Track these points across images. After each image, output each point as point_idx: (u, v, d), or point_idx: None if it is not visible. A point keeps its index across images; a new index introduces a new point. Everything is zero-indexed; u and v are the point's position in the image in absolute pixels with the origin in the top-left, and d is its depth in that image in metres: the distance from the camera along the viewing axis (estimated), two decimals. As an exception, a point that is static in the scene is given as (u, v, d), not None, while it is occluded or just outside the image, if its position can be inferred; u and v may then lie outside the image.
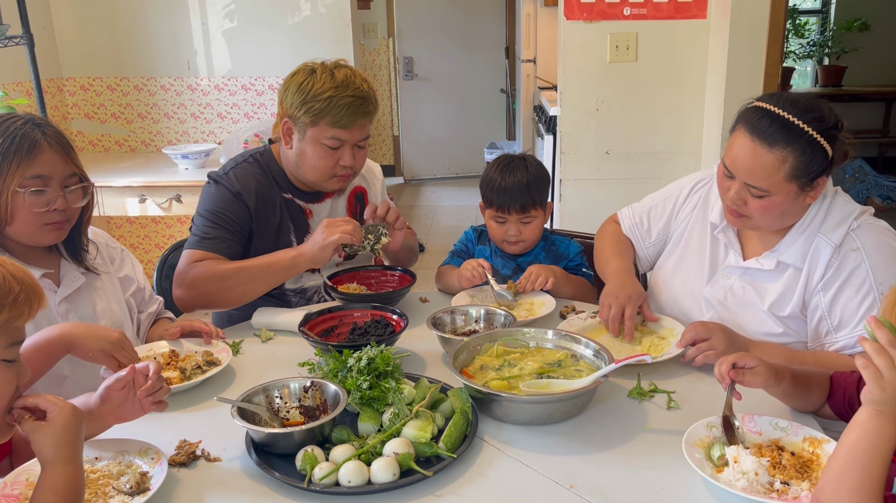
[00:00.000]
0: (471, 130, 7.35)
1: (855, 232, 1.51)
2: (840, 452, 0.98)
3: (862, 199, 5.95)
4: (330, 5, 3.85)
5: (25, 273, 1.03)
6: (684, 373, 1.52)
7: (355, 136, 1.86)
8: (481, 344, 1.54)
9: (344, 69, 1.86)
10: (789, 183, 1.45)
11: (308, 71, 1.85)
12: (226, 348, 1.62)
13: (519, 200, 1.96)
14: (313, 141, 1.84)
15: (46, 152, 1.47)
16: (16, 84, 3.53)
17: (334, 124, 1.81)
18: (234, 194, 1.88)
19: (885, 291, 1.38)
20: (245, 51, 3.91)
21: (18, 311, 1.00)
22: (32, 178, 1.46)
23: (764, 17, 3.01)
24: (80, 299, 1.61)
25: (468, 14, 7.07)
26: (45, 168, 1.47)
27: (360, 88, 1.83)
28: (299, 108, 1.82)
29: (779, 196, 1.46)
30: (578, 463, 1.22)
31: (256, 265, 1.79)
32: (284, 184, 1.96)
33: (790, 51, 6.83)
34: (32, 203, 1.47)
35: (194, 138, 4.04)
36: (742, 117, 1.49)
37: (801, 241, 1.54)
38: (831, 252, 1.50)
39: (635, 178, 3.42)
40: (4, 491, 1.10)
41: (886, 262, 1.47)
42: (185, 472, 1.21)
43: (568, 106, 3.35)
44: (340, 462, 1.16)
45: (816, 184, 1.47)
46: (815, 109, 1.44)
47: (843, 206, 1.54)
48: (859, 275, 1.47)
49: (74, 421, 1.05)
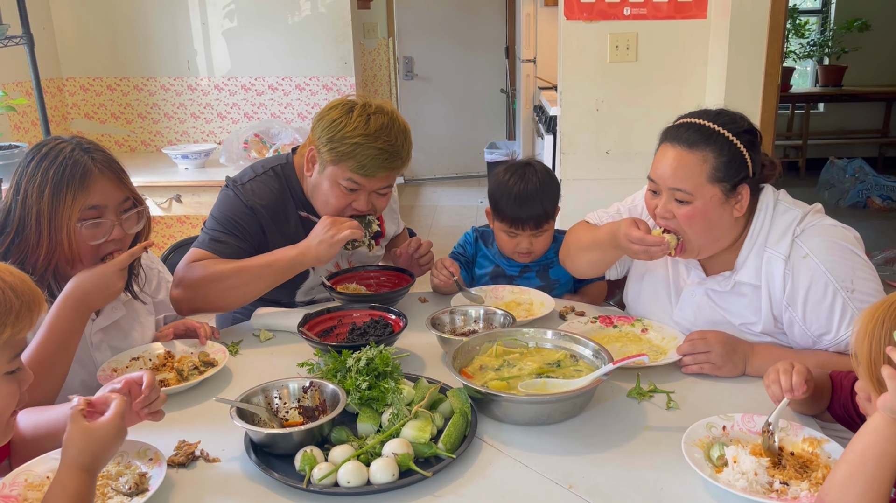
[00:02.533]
0: (471, 130, 7.35)
1: (800, 238, 1.49)
2: (849, 456, 0.98)
3: (862, 199, 5.95)
4: (330, 5, 3.85)
5: (23, 281, 1.01)
6: (684, 374, 1.52)
7: (374, 185, 1.80)
8: (480, 344, 1.53)
9: (382, 117, 1.77)
10: (712, 185, 1.47)
11: (346, 108, 1.77)
12: (222, 348, 1.60)
13: (533, 219, 1.94)
14: (331, 179, 1.79)
15: (99, 180, 1.41)
16: (16, 84, 3.53)
17: (355, 170, 1.75)
18: (248, 207, 1.84)
19: (849, 286, 1.42)
20: (245, 51, 3.91)
21: (20, 326, 1.00)
22: (88, 210, 1.41)
23: (764, 17, 3.01)
24: (116, 329, 1.58)
25: (468, 14, 7.06)
26: (100, 197, 1.42)
27: (393, 142, 1.75)
28: (325, 144, 1.76)
29: (701, 200, 1.47)
30: (578, 463, 1.22)
31: (257, 265, 1.73)
32: (300, 200, 1.91)
33: (790, 51, 6.83)
34: (90, 236, 1.42)
35: (194, 138, 4.04)
36: (664, 134, 1.56)
37: (753, 258, 1.53)
38: (783, 264, 1.49)
39: (635, 178, 3.39)
40: (3, 491, 1.10)
41: (839, 261, 1.46)
42: (184, 473, 1.21)
43: (568, 106, 3.34)
44: (340, 462, 1.16)
45: (739, 193, 1.48)
46: (728, 115, 1.51)
47: (785, 215, 1.52)
48: (819, 281, 1.45)
49: (112, 436, 1.06)
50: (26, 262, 1.41)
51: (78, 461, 1.02)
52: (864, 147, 6.90)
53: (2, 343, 0.98)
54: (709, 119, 1.50)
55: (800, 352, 1.52)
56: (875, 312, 1.01)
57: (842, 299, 1.44)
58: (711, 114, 1.52)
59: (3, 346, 0.99)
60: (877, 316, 1.00)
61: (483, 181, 6.83)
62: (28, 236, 1.41)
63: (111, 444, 1.05)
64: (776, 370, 1.27)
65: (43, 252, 1.41)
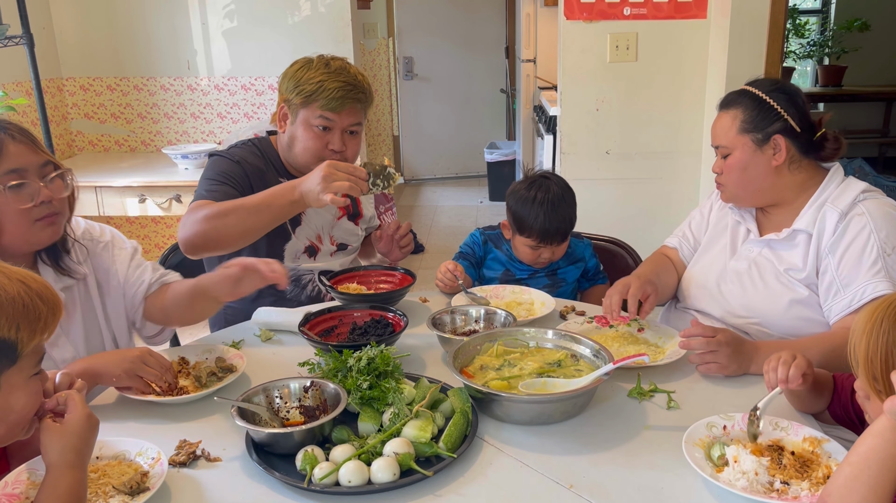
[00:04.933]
0: (471, 130, 7.35)
1: (862, 202, 1.60)
2: (853, 458, 0.97)
3: (862, 199, 5.95)
4: (330, 5, 3.85)
5: (46, 287, 1.03)
6: (684, 374, 1.52)
7: (345, 121, 1.92)
8: (481, 344, 1.54)
9: (340, 61, 1.94)
10: (742, 135, 1.66)
11: (305, 61, 1.94)
12: (239, 354, 1.59)
13: (561, 233, 1.99)
14: (304, 123, 1.92)
15: (11, 145, 1.40)
16: (16, 84, 3.53)
17: (324, 106, 1.88)
18: (235, 162, 1.95)
19: (890, 248, 1.52)
20: (245, 51, 3.91)
21: (49, 332, 1.03)
22: (7, 174, 1.38)
23: (764, 17, 3.01)
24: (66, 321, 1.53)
25: (468, 14, 7.06)
26: (17, 160, 1.39)
27: (354, 77, 1.90)
28: (292, 91, 1.91)
29: (737, 151, 1.66)
30: (578, 462, 1.22)
31: (254, 202, 1.76)
32: (280, 169, 2.02)
33: (790, 51, 6.83)
34: (16, 199, 1.39)
35: (194, 138, 4.04)
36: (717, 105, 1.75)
37: (812, 211, 1.64)
38: (838, 217, 1.59)
39: (635, 177, 3.42)
40: (6, 489, 1.10)
41: (891, 226, 1.56)
42: (185, 472, 1.21)
43: (568, 106, 3.35)
44: (340, 462, 1.16)
45: (775, 142, 1.63)
46: (766, 80, 1.72)
47: (856, 184, 1.64)
48: (864, 233, 1.55)
49: (86, 428, 1.07)
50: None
51: (63, 460, 1.03)
52: (864, 147, 6.89)
53: (31, 349, 1.01)
54: (746, 84, 1.71)
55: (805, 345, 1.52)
56: (874, 311, 1.01)
57: (877, 253, 1.53)
58: (752, 80, 1.72)
59: (32, 352, 1.01)
60: (876, 314, 1.01)
61: (483, 181, 6.83)
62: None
63: (88, 434, 1.07)
64: (777, 358, 1.27)
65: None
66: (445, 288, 1.95)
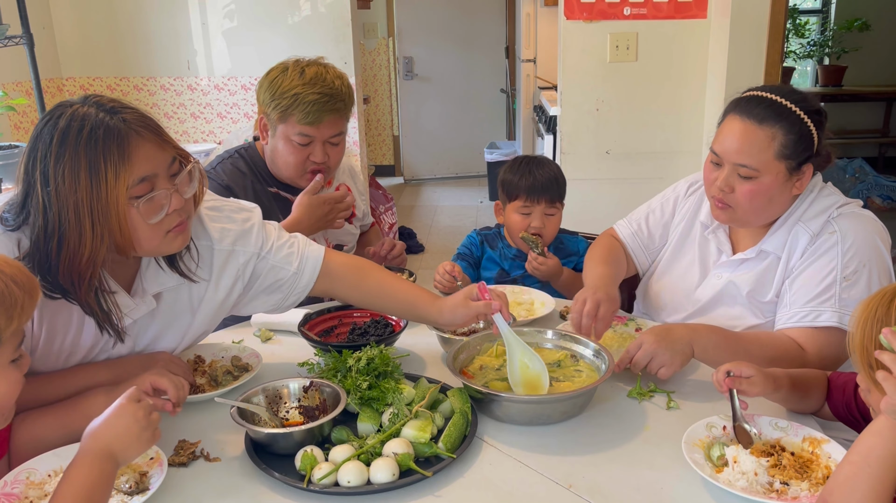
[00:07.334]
0: (471, 130, 7.35)
1: (835, 219, 1.52)
2: (854, 457, 0.98)
3: (862, 199, 5.94)
4: (330, 5, 3.85)
5: (20, 270, 1.02)
6: (684, 374, 1.52)
7: (324, 133, 1.88)
8: (481, 344, 1.53)
9: (316, 67, 1.86)
10: (779, 162, 1.47)
11: (281, 68, 1.88)
12: (255, 352, 1.57)
13: (548, 191, 2.01)
14: (283, 137, 1.88)
15: (139, 144, 1.15)
16: (16, 84, 3.53)
17: (301, 121, 1.83)
18: (223, 187, 1.91)
19: (847, 275, 1.44)
20: (245, 51, 3.91)
21: (26, 316, 1.02)
22: (138, 185, 1.15)
23: (764, 17, 3.02)
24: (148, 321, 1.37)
25: (468, 14, 7.06)
26: (146, 165, 1.16)
27: (330, 85, 1.84)
28: (269, 105, 1.86)
29: (768, 177, 1.47)
30: (578, 463, 1.22)
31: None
32: (269, 178, 2.00)
33: (790, 51, 6.83)
34: (148, 214, 1.17)
35: (194, 138, 4.04)
36: (732, 105, 1.54)
37: (783, 231, 1.55)
38: (808, 239, 1.52)
39: (635, 178, 3.42)
40: (5, 489, 1.10)
41: (857, 250, 1.47)
42: (185, 472, 1.21)
43: (568, 106, 3.35)
44: (340, 462, 1.16)
45: (803, 171, 1.49)
46: (800, 93, 1.50)
47: (827, 198, 1.55)
48: (827, 258, 1.48)
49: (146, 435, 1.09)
50: (73, 270, 1.16)
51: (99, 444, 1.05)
52: (864, 147, 6.88)
53: (10, 334, 1.00)
54: (781, 95, 1.48)
55: (734, 332, 1.50)
56: (871, 302, 1.02)
57: (832, 279, 1.47)
58: (784, 90, 1.50)
59: (11, 337, 1.00)
60: (871, 305, 1.01)
61: (483, 181, 6.83)
62: (68, 235, 1.13)
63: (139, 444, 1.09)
64: (723, 370, 1.26)
65: (87, 250, 1.14)
66: (444, 288, 1.95)
